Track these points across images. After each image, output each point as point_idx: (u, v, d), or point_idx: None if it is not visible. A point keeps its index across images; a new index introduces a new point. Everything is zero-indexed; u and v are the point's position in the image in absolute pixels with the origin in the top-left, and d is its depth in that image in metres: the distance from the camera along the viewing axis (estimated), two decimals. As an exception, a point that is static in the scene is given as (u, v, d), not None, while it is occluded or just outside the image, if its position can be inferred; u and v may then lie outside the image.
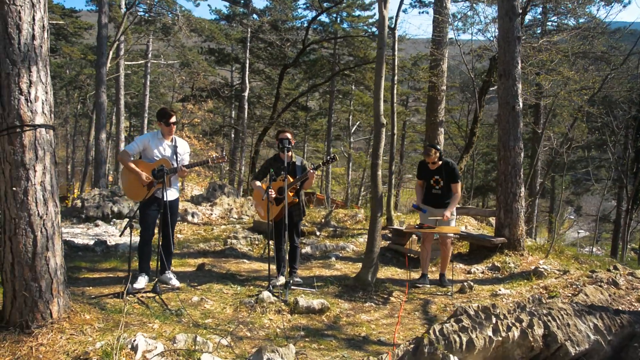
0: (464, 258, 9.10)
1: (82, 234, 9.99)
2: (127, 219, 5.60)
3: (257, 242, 9.61)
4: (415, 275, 7.82)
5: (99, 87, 17.72)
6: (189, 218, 11.36)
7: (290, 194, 6.35)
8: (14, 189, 4.30)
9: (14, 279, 4.42)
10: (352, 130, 34.57)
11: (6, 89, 4.25)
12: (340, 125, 36.08)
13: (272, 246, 8.86)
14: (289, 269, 6.72)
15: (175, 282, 6.28)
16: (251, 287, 6.43)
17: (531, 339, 4.23)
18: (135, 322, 4.93)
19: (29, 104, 4.31)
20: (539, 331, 4.29)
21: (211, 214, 11.78)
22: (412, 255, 8.96)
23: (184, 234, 10.46)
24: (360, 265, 8.31)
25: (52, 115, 4.54)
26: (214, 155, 6.14)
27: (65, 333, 4.44)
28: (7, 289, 4.48)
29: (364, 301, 6.25)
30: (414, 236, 9.52)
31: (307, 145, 42.67)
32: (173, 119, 6.18)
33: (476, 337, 4.14)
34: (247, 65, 27.67)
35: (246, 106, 26.66)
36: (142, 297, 5.67)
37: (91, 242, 8.66)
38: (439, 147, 7.14)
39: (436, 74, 12.86)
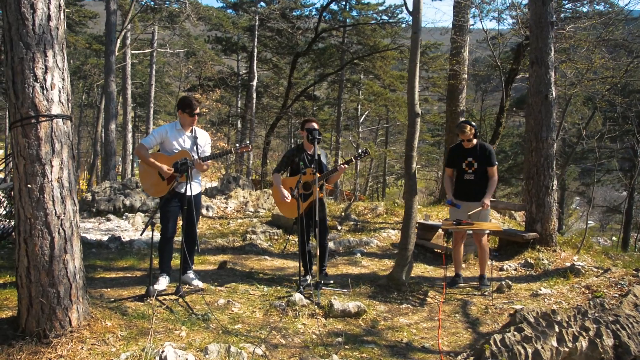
0: (494, 254, 8.68)
1: (94, 229, 9.63)
2: (149, 217, 5.17)
3: (276, 237, 9.23)
4: (445, 272, 7.43)
5: (108, 75, 17.27)
6: (204, 212, 10.96)
7: (317, 188, 5.94)
8: (28, 186, 3.91)
9: (29, 285, 4.04)
10: (361, 120, 34.07)
11: (20, 75, 3.84)
12: (348, 114, 35.57)
13: (286, 241, 8.48)
14: (317, 268, 6.33)
15: (198, 282, 5.89)
16: (278, 288, 6.04)
17: (601, 350, 3.82)
18: (161, 328, 4.55)
19: (45, 91, 3.91)
20: (608, 342, 3.88)
21: (226, 207, 11.39)
22: (439, 250, 8.56)
23: (200, 228, 10.07)
24: (387, 261, 7.94)
25: (70, 104, 4.13)
26: (237, 145, 5.70)
27: (87, 343, 4.06)
28: (23, 295, 4.10)
29: (400, 302, 5.85)
30: (440, 230, 9.11)
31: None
32: (198, 110, 5.77)
33: (542, 348, 3.74)
34: (255, 53, 27.16)
35: (254, 95, 26.19)
36: (164, 299, 5.28)
37: (105, 238, 8.29)
38: (473, 123, 6.61)
39: (458, 61, 12.38)
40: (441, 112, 34.87)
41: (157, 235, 5.69)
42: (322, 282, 5.99)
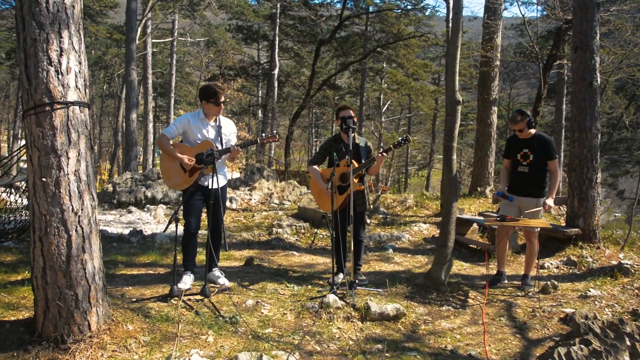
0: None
1: (114, 222, 9.36)
2: (173, 212, 4.82)
3: (303, 231, 8.87)
4: (483, 269, 7.01)
5: (128, 64, 16.96)
6: (227, 203, 10.64)
7: (355, 181, 5.53)
8: (43, 179, 3.58)
9: (45, 286, 3.73)
10: (383, 110, 33.53)
11: (32, 58, 3.49)
12: (370, 104, 35.04)
13: (314, 235, 8.10)
14: (350, 265, 5.95)
15: (224, 281, 5.55)
16: (309, 287, 5.67)
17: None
18: (186, 333, 4.21)
19: (60, 76, 3.56)
20: (688, 356, 3.44)
21: (250, 199, 11.05)
22: (474, 246, 8.12)
23: (224, 221, 9.77)
24: (420, 257, 7.54)
25: (87, 90, 3.78)
26: (263, 134, 5.32)
27: (107, 350, 3.75)
28: (39, 297, 3.79)
29: (440, 304, 5.45)
30: (474, 225, 8.67)
31: (335, 125, 41.77)
32: (223, 97, 5.40)
33: (613, 364, 3.30)
34: (277, 42, 26.75)
35: (276, 85, 25.81)
36: (189, 300, 4.94)
37: (126, 232, 8.00)
38: (527, 112, 6.11)
39: (490, 47, 11.83)
40: (465, 101, 34.12)
41: (180, 230, 5.35)
42: (357, 281, 5.61)
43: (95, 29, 31.40)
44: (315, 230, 8.83)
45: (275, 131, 5.58)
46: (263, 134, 5.55)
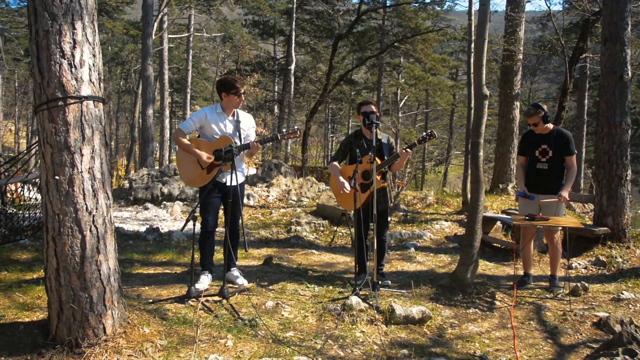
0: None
1: (131, 219, 9.25)
2: (190, 211, 4.66)
3: (322, 229, 8.69)
4: (508, 269, 6.79)
5: (145, 59, 16.86)
6: (244, 200, 10.48)
7: (378, 178, 5.33)
8: (56, 177, 3.43)
9: (59, 288, 3.59)
10: (400, 105, 33.20)
11: (45, 50, 3.34)
12: (387, 99, 34.72)
13: (333, 233, 7.92)
14: (371, 265, 5.76)
15: (242, 281, 5.39)
16: (330, 287, 5.49)
17: None
18: (204, 336, 4.05)
19: (73, 69, 3.41)
20: None
21: (268, 196, 10.89)
22: (498, 245, 7.89)
23: (240, 218, 9.64)
24: (443, 257, 7.34)
25: (102, 84, 3.62)
26: (284, 130, 5.13)
27: (123, 354, 3.60)
28: (53, 300, 3.65)
29: (467, 306, 5.23)
30: (498, 223, 8.42)
31: (352, 120, 41.53)
32: (243, 89, 5.22)
33: (661, 376, 3.07)
34: (293, 36, 26.56)
35: (292, 80, 25.63)
36: (207, 301, 4.79)
37: (142, 229, 7.88)
38: (542, 106, 5.85)
39: (513, 41, 11.53)
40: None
41: (197, 228, 5.20)
42: (380, 282, 5.41)
43: (112, 25, 31.44)
44: (335, 228, 8.65)
45: (296, 127, 5.40)
46: (283, 130, 5.37)
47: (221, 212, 5.50)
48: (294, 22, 26.93)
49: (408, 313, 4.65)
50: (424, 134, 5.46)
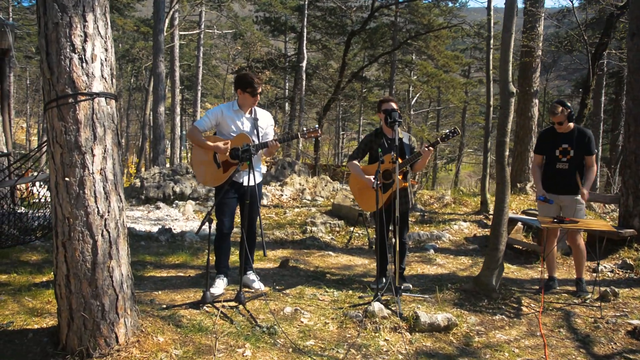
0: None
1: (142, 218, 9.09)
2: (206, 213, 4.46)
3: (338, 229, 8.48)
4: (531, 272, 6.56)
5: (156, 55, 16.66)
6: (258, 200, 10.31)
7: (399, 178, 5.11)
8: (66, 179, 3.25)
9: (70, 296, 3.41)
10: (412, 103, 32.89)
11: (54, 44, 3.15)
12: (399, 97, 34.43)
13: (349, 233, 7.73)
14: (391, 267, 5.55)
15: (259, 285, 5.20)
16: (350, 292, 5.28)
17: None
18: (221, 345, 3.87)
19: (84, 64, 3.22)
20: None
21: (281, 195, 10.70)
22: (519, 246, 7.64)
23: (254, 218, 9.46)
24: (463, 259, 7.11)
25: (114, 80, 3.43)
26: (304, 129, 4.92)
27: (136, 365, 3.40)
28: (63, 308, 3.48)
29: (493, 313, 5.00)
30: (519, 224, 8.17)
31: (363, 117, 41.29)
32: (260, 89, 5.03)
33: None
34: (305, 33, 26.32)
35: (304, 77, 25.40)
36: (223, 306, 4.60)
37: (154, 229, 7.71)
38: (568, 104, 5.58)
39: (533, 36, 11.25)
40: (495, 94, 33.30)
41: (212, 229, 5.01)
42: (402, 287, 5.19)
43: (123, 22, 31.40)
44: (351, 228, 8.43)
45: (317, 126, 5.19)
46: (304, 129, 5.16)
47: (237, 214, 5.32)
48: (305, 19, 26.69)
49: (433, 320, 4.44)
50: (447, 131, 5.24)
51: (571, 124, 5.61)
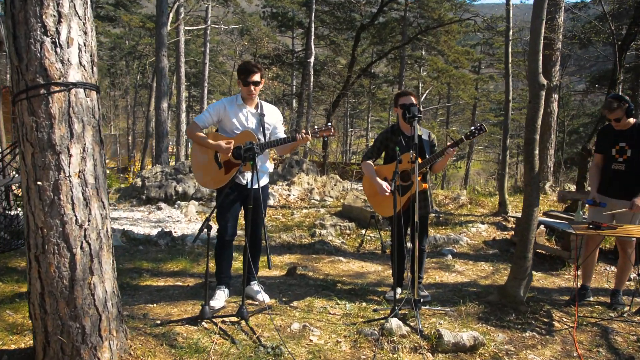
0: (609, 257, 7.20)
1: (142, 220, 8.65)
2: (205, 219, 3.97)
3: (348, 232, 8.00)
4: (558, 280, 6.07)
5: (159, 50, 16.17)
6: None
7: (418, 179, 4.63)
8: (38, 183, 2.79)
9: (45, 317, 2.96)
10: (422, 99, 32.31)
11: (22, 25, 2.70)
12: (408, 93, 33.77)
13: (361, 237, 7.31)
14: (407, 275, 5.07)
15: (264, 297, 4.74)
16: (363, 304, 4.81)
17: None
18: (220, 370, 3.40)
19: (58, 49, 2.75)
20: None
21: (289, 195, 10.23)
22: (542, 251, 7.14)
23: (260, 219, 8.98)
24: (483, 265, 6.62)
25: (95, 68, 2.97)
26: (316, 127, 4.42)
27: (121, 396, 2.95)
28: (37, 330, 3.03)
29: (522, 329, 4.51)
30: (541, 227, 7.66)
31: (371, 114, 40.78)
32: (256, 77, 4.52)
33: None
34: (313, 28, 25.83)
35: (312, 73, 24.90)
36: (223, 322, 4.14)
37: (154, 232, 7.26)
38: (625, 97, 4.99)
39: (553, 28, 10.71)
40: (516, 88, 32.62)
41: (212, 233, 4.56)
42: (421, 299, 4.70)
43: (128, 18, 31.02)
44: (363, 231, 7.95)
45: (329, 124, 4.69)
46: (316, 127, 4.67)
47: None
48: (313, 14, 26.19)
49: (458, 340, 3.96)
50: (473, 128, 4.73)
51: (631, 120, 5.03)
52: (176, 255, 6.31)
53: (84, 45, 2.86)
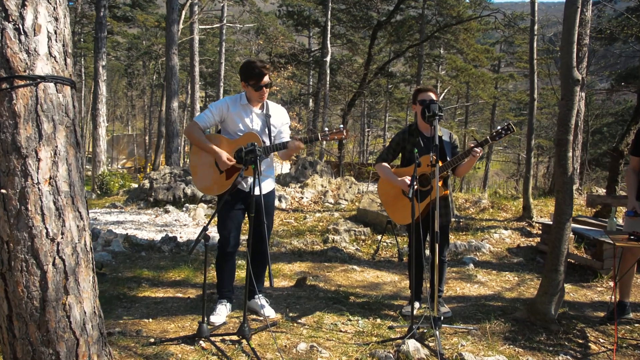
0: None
1: (148, 224, 8.32)
2: (202, 228, 3.57)
3: (363, 237, 7.58)
4: (590, 293, 5.59)
5: (169, 48, 15.81)
6: (276, 203, 9.44)
7: (439, 184, 4.21)
8: (2, 191, 2.43)
9: (14, 342, 2.61)
10: (441, 98, 31.73)
11: (-20, 10, 2.33)
12: (426, 92, 33.18)
13: (377, 243, 6.94)
14: (426, 286, 4.65)
15: (269, 312, 4.35)
16: (377, 321, 4.39)
17: None
18: (215, 400, 3.02)
19: (23, 38, 2.39)
20: None
21: (302, 198, 9.83)
22: (572, 261, 6.65)
23: (270, 223, 8.59)
24: (508, 275, 6.17)
25: (69, 60, 2.60)
26: (327, 129, 3.98)
27: None
28: (6, 356, 2.70)
29: (554, 351, 4.06)
30: (570, 234, 7.16)
31: (389, 114, 40.27)
32: (266, 79, 4.14)
33: None
34: (329, 27, 25.41)
35: (328, 72, 24.47)
36: (222, 340, 3.76)
37: (158, 237, 6.91)
38: None
39: (581, 21, 10.18)
40: (527, 90, 31.93)
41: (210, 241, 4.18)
42: (442, 317, 4.27)
43: (144, 18, 30.90)
44: (379, 237, 7.53)
45: (341, 126, 4.28)
46: (326, 129, 4.26)
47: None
48: (329, 12, 25.77)
49: (483, 365, 3.54)
50: (499, 127, 4.29)
51: None
52: (179, 263, 5.94)
53: (55, 33, 2.49)
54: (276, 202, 9.44)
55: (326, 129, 4.24)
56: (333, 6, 26.67)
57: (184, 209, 9.39)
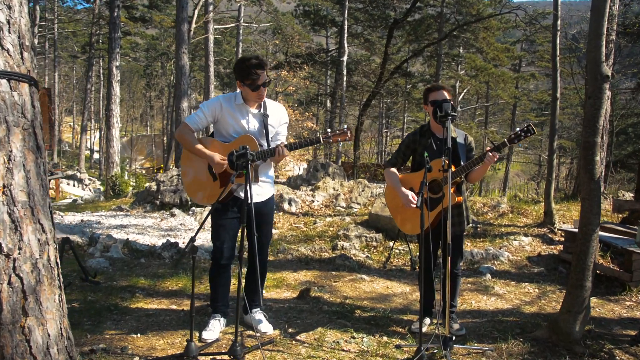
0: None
1: (152, 228, 8.05)
2: (190, 238, 3.25)
3: (375, 244, 7.23)
4: (618, 308, 5.18)
5: (179, 47, 15.54)
6: (285, 206, 9.12)
7: (452, 190, 3.85)
8: (-54, 202, 2.14)
9: (-35, 370, 2.31)
10: (459, 98, 31.17)
11: None
12: (446, 92, 32.65)
13: (389, 250, 6.62)
14: (439, 298, 4.30)
15: (266, 328, 4.03)
16: (384, 338, 4.04)
17: None
18: None
19: (-33, 26, 2.09)
20: None
21: (312, 201, 9.50)
22: (598, 271, 6.23)
23: (279, 228, 8.26)
24: (528, 287, 5.77)
25: (27, 54, 2.30)
26: (329, 131, 3.62)
27: None
28: (-42, 385, 2.39)
29: (579, 377, 3.69)
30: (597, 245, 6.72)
31: (407, 114, 39.76)
32: (264, 77, 3.81)
33: None
34: (346, 26, 25.07)
35: (345, 72, 24.14)
36: (213, 361, 3.45)
37: (160, 243, 6.62)
38: None
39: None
40: (549, 90, 31.21)
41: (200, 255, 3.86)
42: (453, 335, 3.91)
43: (160, 18, 30.89)
44: (391, 244, 7.17)
45: (345, 126, 3.93)
46: (328, 130, 3.92)
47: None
48: (346, 11, 25.45)
49: (499, 394, 3.18)
50: (518, 130, 3.91)
51: None
52: (178, 271, 5.64)
53: (9, 23, 2.20)
54: (286, 206, 9.12)
55: (328, 130, 3.91)
56: (350, 5, 26.35)
57: (190, 212, 9.11)
